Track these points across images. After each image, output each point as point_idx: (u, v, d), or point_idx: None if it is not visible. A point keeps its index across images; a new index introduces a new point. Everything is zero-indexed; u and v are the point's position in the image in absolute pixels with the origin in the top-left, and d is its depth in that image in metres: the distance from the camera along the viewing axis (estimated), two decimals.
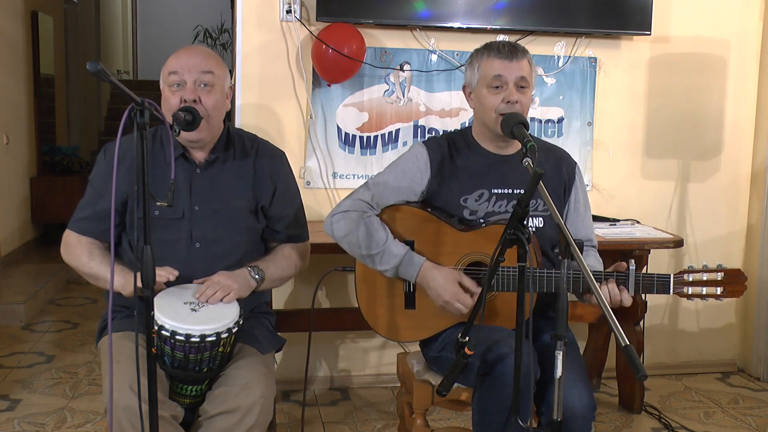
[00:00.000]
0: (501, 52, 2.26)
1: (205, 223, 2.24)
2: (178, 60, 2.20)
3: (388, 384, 3.67)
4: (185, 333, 1.96)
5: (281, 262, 2.36)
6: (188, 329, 1.96)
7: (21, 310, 4.58)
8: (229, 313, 2.06)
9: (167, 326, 1.96)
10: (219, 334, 1.99)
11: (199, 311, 2.04)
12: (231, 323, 2.03)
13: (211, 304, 2.08)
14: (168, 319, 1.97)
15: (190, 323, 1.97)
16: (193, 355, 1.99)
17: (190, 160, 2.27)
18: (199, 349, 1.98)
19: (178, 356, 1.99)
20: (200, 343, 1.97)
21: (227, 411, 2.02)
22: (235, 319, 2.05)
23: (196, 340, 1.97)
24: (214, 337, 1.99)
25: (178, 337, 1.96)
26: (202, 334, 1.97)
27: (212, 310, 2.06)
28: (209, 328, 1.98)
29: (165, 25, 11.03)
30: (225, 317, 2.04)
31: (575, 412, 2.05)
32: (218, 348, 2.02)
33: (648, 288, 2.16)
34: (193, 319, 1.99)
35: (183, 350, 1.98)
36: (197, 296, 2.10)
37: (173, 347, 1.98)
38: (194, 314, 2.02)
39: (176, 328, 1.96)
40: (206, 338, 1.98)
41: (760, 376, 3.90)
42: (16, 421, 3.17)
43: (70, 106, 7.93)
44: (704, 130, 3.84)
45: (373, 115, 3.53)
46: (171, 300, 2.06)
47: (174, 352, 1.99)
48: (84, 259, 2.23)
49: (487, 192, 2.33)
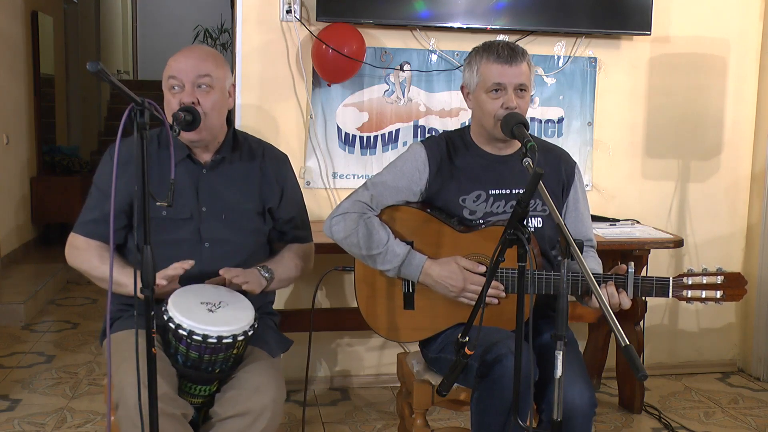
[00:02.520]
0: (500, 56, 2.24)
1: (213, 224, 2.25)
2: (176, 63, 2.21)
3: (388, 384, 3.67)
4: (202, 333, 1.96)
5: (288, 263, 2.37)
6: (206, 330, 1.96)
7: (21, 310, 4.58)
8: (245, 315, 2.06)
9: (185, 325, 1.96)
10: (236, 337, 2.00)
11: (216, 312, 2.04)
12: (247, 326, 2.03)
13: (227, 306, 2.08)
14: (185, 318, 1.97)
15: (207, 324, 1.98)
16: (207, 355, 2.00)
17: (195, 161, 2.27)
18: (214, 350, 1.99)
19: (193, 356, 2.00)
20: (216, 344, 1.98)
21: (239, 414, 2.03)
22: (251, 323, 2.05)
23: (213, 341, 1.97)
24: (230, 339, 1.99)
25: (195, 337, 1.96)
26: (219, 336, 1.97)
27: (229, 311, 2.06)
28: (226, 330, 1.98)
29: (165, 25, 11.03)
30: (241, 320, 2.04)
31: (576, 409, 2.05)
32: (233, 350, 2.03)
33: (647, 291, 2.16)
34: (211, 320, 2.00)
35: (198, 350, 1.98)
36: (222, 272, 2.13)
37: (188, 346, 1.98)
38: (211, 315, 2.02)
39: (194, 328, 1.96)
40: (223, 340, 1.98)
41: (760, 376, 3.90)
42: (16, 421, 3.18)
43: (70, 106, 7.93)
44: (704, 130, 3.84)
45: (373, 115, 3.53)
46: (188, 299, 2.06)
47: (189, 351, 1.99)
48: (95, 262, 2.23)
49: (485, 193, 2.32)
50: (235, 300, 2.12)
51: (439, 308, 2.33)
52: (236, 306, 2.10)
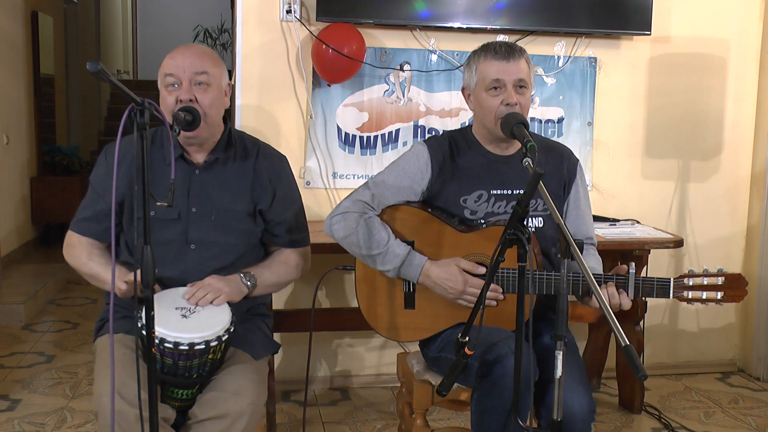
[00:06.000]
0: (498, 53, 2.25)
1: (201, 225, 2.23)
2: (173, 61, 2.20)
3: (388, 384, 3.67)
4: (174, 341, 1.94)
5: (277, 268, 2.33)
6: (177, 337, 1.94)
7: (21, 310, 4.58)
8: (220, 320, 2.03)
9: (157, 332, 1.93)
10: (208, 342, 1.97)
11: (190, 317, 2.02)
12: (221, 331, 2.00)
13: (202, 310, 2.06)
14: (157, 325, 1.92)
15: (179, 331, 1.95)
16: (182, 362, 1.97)
17: (189, 161, 2.26)
18: (188, 356, 1.96)
19: (168, 362, 1.98)
20: (189, 351, 1.95)
21: (216, 417, 2.01)
22: (226, 327, 2.02)
23: (185, 348, 1.95)
24: (203, 345, 1.96)
25: (167, 345, 1.94)
26: (191, 342, 1.95)
27: (203, 316, 2.03)
28: (198, 336, 1.96)
29: (165, 25, 11.03)
30: (215, 324, 2.01)
31: (575, 415, 2.05)
32: (207, 355, 2.00)
33: (647, 292, 2.15)
34: (183, 327, 1.97)
35: (172, 357, 1.96)
36: (187, 297, 2.09)
37: (162, 353, 1.96)
38: (184, 321, 2.00)
39: (165, 336, 1.94)
40: (195, 346, 1.95)
41: (760, 376, 3.90)
42: (16, 421, 3.18)
43: (70, 106, 7.93)
44: (704, 130, 3.84)
45: (373, 115, 3.53)
46: (163, 305, 2.03)
47: (163, 358, 1.97)
48: (84, 259, 2.24)
49: (486, 193, 2.32)
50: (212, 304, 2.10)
51: (439, 308, 2.32)
52: (212, 310, 2.07)
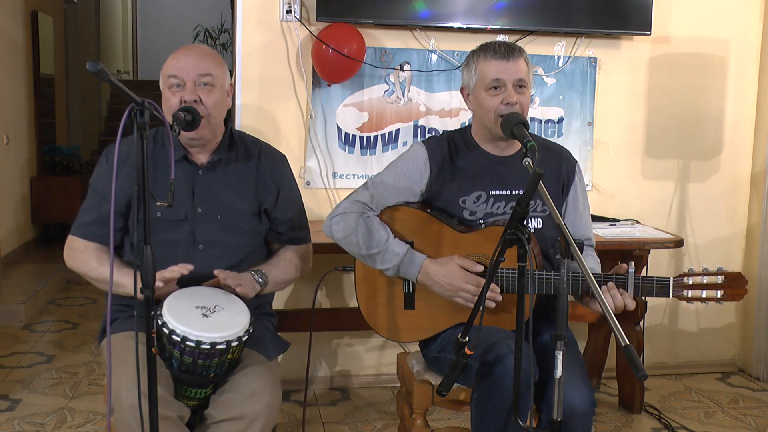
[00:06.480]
0: (497, 53, 2.25)
1: (208, 225, 2.24)
2: (177, 62, 2.20)
3: (388, 384, 3.67)
4: (196, 339, 1.96)
5: (284, 266, 2.36)
6: (199, 336, 1.96)
7: (21, 310, 4.58)
8: (240, 320, 2.05)
9: (178, 331, 1.96)
10: (229, 343, 1.99)
11: (211, 317, 2.03)
12: (241, 331, 2.02)
13: (222, 310, 2.07)
14: (179, 324, 1.96)
15: (201, 330, 1.97)
16: (201, 360, 1.99)
17: (191, 162, 2.27)
18: (208, 355, 1.98)
19: (187, 361, 1.99)
20: (210, 350, 1.97)
21: (233, 418, 2.03)
22: (246, 327, 2.04)
23: (207, 347, 1.97)
24: (224, 345, 1.98)
25: (188, 343, 1.96)
26: (213, 342, 1.97)
27: (224, 316, 2.05)
28: (220, 336, 1.98)
29: (165, 25, 11.03)
30: (236, 325, 2.03)
31: (576, 409, 2.05)
32: (227, 355, 2.02)
33: (647, 291, 2.15)
34: (205, 326, 1.99)
35: (192, 356, 1.98)
36: (223, 277, 2.12)
37: (182, 352, 1.98)
38: (205, 320, 2.02)
39: (187, 334, 1.95)
40: (216, 346, 1.97)
41: (760, 376, 3.90)
42: (16, 421, 3.17)
43: (70, 106, 7.93)
44: (704, 130, 3.84)
45: (373, 115, 3.53)
46: (183, 303, 2.05)
47: (183, 356, 1.99)
48: (93, 264, 2.23)
49: (485, 194, 2.32)
50: (230, 304, 2.11)
51: (439, 308, 2.32)
52: (231, 310, 2.09)
